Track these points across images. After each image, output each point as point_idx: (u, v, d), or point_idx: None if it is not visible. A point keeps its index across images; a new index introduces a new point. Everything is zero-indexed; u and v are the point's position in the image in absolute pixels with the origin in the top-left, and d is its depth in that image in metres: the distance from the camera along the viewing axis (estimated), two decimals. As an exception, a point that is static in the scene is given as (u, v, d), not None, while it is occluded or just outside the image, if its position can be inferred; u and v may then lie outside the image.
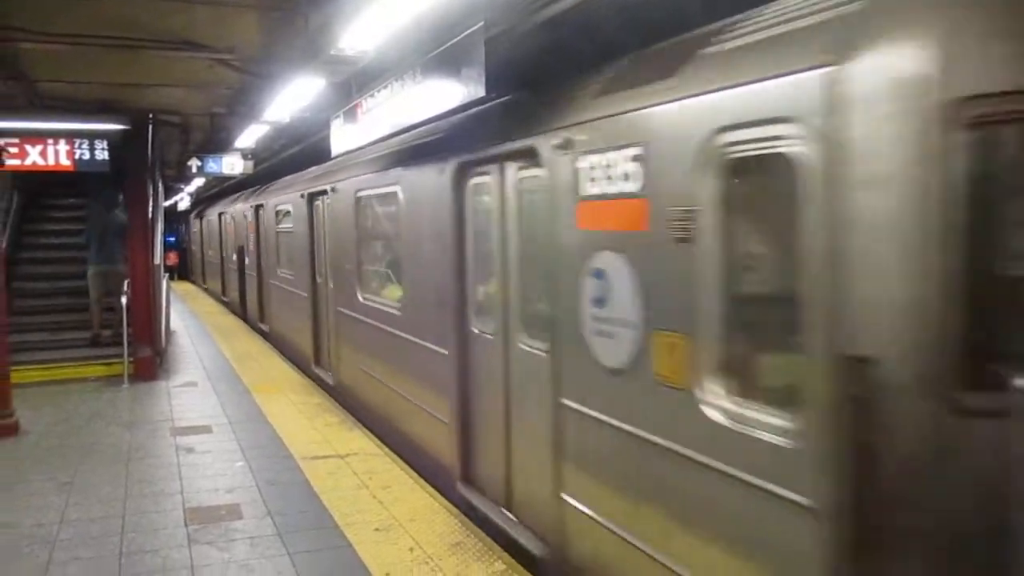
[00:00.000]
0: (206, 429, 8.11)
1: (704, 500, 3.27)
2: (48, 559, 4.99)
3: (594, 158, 3.94)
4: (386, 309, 7.55)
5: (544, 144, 4.41)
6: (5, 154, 8.09)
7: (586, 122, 4.05)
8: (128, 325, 10.46)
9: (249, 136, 11.12)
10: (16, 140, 9.72)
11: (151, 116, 11.00)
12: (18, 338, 9.98)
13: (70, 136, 10.17)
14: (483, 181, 5.48)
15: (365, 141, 7.26)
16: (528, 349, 4.91)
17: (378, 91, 6.53)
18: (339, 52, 5.18)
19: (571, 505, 4.34)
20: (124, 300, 10.47)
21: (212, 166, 12.28)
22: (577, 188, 4.10)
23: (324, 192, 9.80)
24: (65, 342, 11.17)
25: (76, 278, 12.16)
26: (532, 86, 5.11)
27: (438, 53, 5.11)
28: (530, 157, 4.62)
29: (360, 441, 7.54)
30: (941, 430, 2.45)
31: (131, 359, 10.54)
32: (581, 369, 4.14)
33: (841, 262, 2.57)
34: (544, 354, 4.60)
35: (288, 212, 12.10)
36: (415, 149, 6.69)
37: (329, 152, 8.40)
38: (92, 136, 10.26)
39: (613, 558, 3.98)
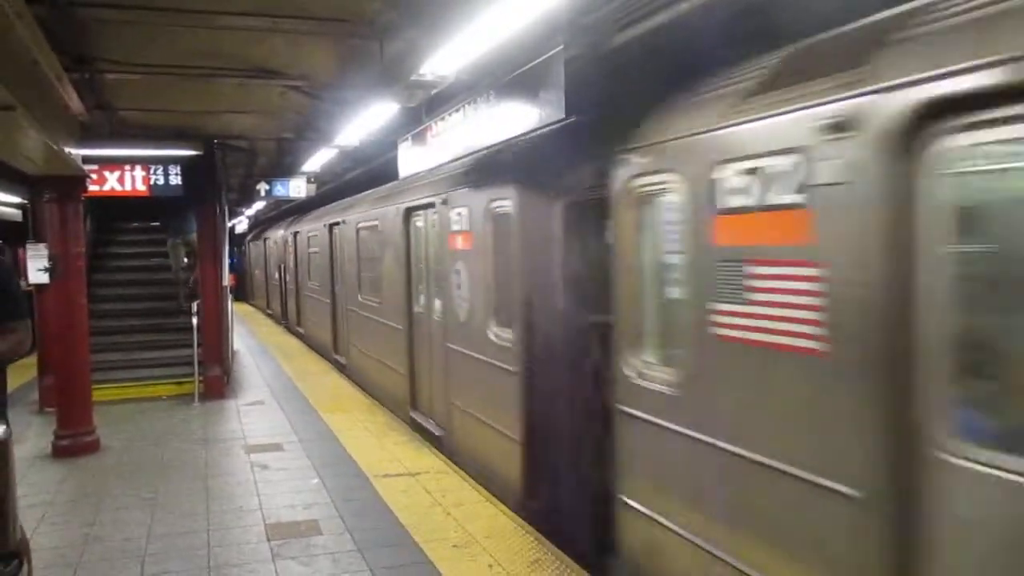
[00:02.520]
0: (277, 447, 8.28)
1: None
2: (140, 572, 5.15)
3: None
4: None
5: None
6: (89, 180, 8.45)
7: None
8: (198, 345, 10.75)
9: (315, 161, 11.39)
10: (95, 167, 10.12)
11: (216, 141, 11.30)
12: (93, 358, 10.30)
13: (146, 162, 10.57)
14: None
15: (434, 164, 7.42)
16: None
17: (449, 114, 6.68)
18: (419, 78, 5.31)
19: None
20: (195, 320, 10.76)
21: (280, 189, 12.60)
22: None
23: (340, 223, 12.64)
24: (137, 361, 11.46)
25: (146, 299, 12.58)
26: None
27: (517, 75, 5.22)
28: None
29: (429, 459, 7.63)
30: None
31: (201, 378, 10.82)
32: None
33: None
34: None
35: (316, 237, 15.13)
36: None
37: (368, 183, 9.07)
38: (167, 162, 10.65)
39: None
